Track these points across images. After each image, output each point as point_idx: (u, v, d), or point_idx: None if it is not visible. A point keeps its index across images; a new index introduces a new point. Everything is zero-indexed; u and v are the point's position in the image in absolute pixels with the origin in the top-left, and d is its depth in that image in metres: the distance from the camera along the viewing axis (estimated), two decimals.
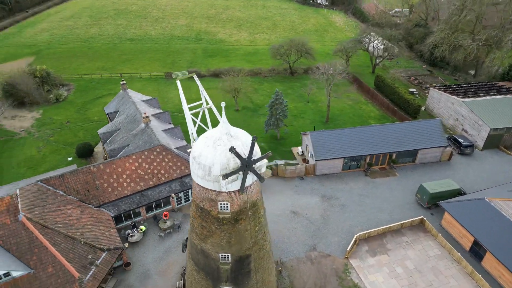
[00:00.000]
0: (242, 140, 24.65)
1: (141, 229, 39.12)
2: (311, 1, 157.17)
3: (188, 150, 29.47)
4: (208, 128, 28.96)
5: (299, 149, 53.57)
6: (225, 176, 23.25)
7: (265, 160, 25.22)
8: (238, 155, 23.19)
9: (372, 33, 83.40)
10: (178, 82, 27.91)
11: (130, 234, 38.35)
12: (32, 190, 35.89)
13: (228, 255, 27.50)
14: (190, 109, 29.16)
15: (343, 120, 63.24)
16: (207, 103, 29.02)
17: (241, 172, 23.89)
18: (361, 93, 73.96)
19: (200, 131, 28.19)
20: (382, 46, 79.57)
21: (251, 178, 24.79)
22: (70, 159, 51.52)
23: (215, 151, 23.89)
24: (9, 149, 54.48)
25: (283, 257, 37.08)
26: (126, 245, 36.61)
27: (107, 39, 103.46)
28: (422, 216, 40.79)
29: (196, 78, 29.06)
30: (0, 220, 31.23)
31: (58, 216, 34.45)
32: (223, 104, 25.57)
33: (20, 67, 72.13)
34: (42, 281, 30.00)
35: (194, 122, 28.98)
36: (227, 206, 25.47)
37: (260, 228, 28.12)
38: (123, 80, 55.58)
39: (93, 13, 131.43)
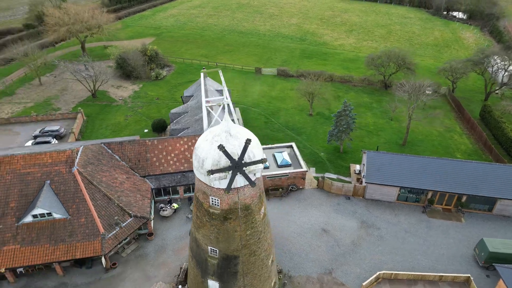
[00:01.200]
0: (241, 140, 24.40)
1: (174, 207, 41.93)
2: (445, 12, 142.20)
3: None
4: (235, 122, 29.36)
5: (357, 167, 50.00)
6: (211, 172, 23.47)
7: (260, 165, 24.65)
8: (227, 154, 23.17)
9: (495, 56, 71.79)
10: (202, 75, 28.82)
11: (163, 208, 41.46)
12: (94, 149, 41.58)
13: (216, 250, 27.79)
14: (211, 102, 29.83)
15: (424, 147, 56.51)
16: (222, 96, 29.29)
17: (231, 172, 23.79)
18: (459, 121, 64.77)
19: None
20: (507, 73, 67.78)
21: (242, 180, 24.50)
22: (146, 131, 57.65)
23: (211, 146, 24.27)
24: (105, 113, 63.61)
25: (293, 271, 35.57)
26: (152, 217, 39.71)
27: (219, 30, 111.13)
28: (469, 275, 34.38)
29: (220, 73, 29.65)
30: (58, 168, 37.12)
31: (105, 177, 39.30)
32: (226, 102, 25.65)
33: (136, 45, 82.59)
34: (74, 228, 34.81)
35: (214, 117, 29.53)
36: (217, 202, 25.71)
37: (253, 234, 27.58)
38: (204, 68, 59.42)
39: (217, 5, 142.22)
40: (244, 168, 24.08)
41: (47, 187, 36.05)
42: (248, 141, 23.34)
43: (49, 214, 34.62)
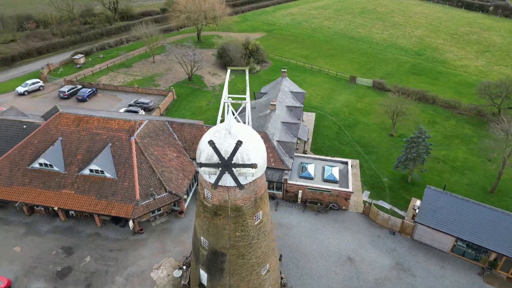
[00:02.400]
0: (239, 140, 24.21)
1: None
2: None
3: None
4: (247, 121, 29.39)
5: (418, 202, 44.08)
6: (200, 165, 24.03)
7: (251, 170, 24.13)
8: (216, 150, 23.40)
9: None
10: (228, 71, 29.24)
11: None
12: (157, 125, 46.05)
13: (207, 242, 28.38)
14: (233, 98, 29.91)
15: None
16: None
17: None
18: None
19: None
20: None
21: (231, 180, 24.40)
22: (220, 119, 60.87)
23: (210, 141, 24.76)
24: (193, 96, 69.21)
25: None
26: (185, 197, 42.09)
27: (331, 33, 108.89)
28: None
29: (247, 73, 29.68)
30: (120, 135, 42.33)
31: (157, 151, 43.28)
32: (229, 101, 25.66)
33: (240, 38, 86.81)
34: (117, 189, 39.44)
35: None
36: (209, 196, 26.18)
37: (244, 237, 27.22)
38: (284, 68, 59.47)
39: (341, 7, 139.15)
40: (234, 169, 23.96)
41: (108, 149, 41.52)
42: (239, 143, 23.13)
43: (102, 172, 39.91)
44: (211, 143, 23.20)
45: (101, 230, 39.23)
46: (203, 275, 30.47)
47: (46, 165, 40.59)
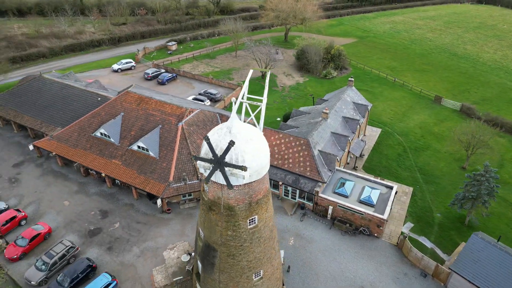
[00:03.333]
0: (237, 140, 24.12)
1: None
2: None
3: None
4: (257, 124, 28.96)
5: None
6: (195, 158, 24.60)
7: (240, 171, 23.80)
8: (210, 146, 23.69)
9: None
10: (251, 71, 28.98)
11: None
12: (207, 115, 48.08)
13: (202, 234, 28.96)
14: (250, 99, 29.44)
15: None
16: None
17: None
18: None
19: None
20: None
21: (222, 178, 24.44)
22: (278, 119, 60.79)
23: (211, 136, 25.18)
24: (261, 94, 69.92)
25: None
26: None
27: (430, 46, 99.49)
28: None
29: (267, 75, 29.03)
30: (171, 119, 45.30)
31: (200, 139, 45.28)
32: (233, 99, 25.56)
33: (322, 42, 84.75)
34: (156, 168, 42.41)
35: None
36: (206, 190, 26.63)
37: (235, 238, 27.09)
38: (351, 77, 56.44)
39: (453, 20, 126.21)
40: (226, 168, 23.99)
41: (157, 130, 44.86)
42: (231, 143, 23.04)
43: (147, 150, 43.33)
44: (206, 138, 23.54)
45: (136, 203, 42.71)
46: (200, 265, 31.19)
47: (105, 135, 45.62)
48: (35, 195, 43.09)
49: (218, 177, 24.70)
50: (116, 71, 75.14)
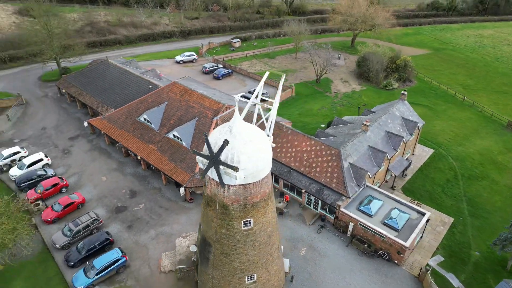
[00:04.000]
0: (236, 140, 24.08)
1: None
2: None
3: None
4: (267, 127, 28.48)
5: None
6: (194, 152, 25.04)
7: (231, 171, 23.66)
8: (207, 143, 23.97)
9: None
10: (267, 73, 28.49)
11: None
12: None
13: (202, 227, 29.43)
14: (262, 101, 28.98)
15: None
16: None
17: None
18: None
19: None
20: None
21: (215, 175, 24.55)
22: (322, 125, 59.01)
23: (214, 132, 25.46)
24: (312, 97, 68.52)
25: None
26: None
27: None
28: None
29: (282, 79, 28.33)
30: (207, 113, 46.52)
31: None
32: (237, 98, 25.36)
33: (388, 51, 79.96)
34: (185, 158, 43.85)
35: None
36: (207, 184, 26.98)
37: (229, 237, 27.13)
38: (404, 91, 52.54)
39: None
40: (221, 166, 24.09)
41: (193, 122, 46.48)
42: (225, 142, 23.08)
43: (180, 139, 45.15)
44: (204, 135, 23.85)
45: (164, 188, 44.77)
46: (199, 259, 31.75)
47: (147, 121, 48.49)
48: (80, 167, 47.45)
49: (214, 174, 24.90)
50: (178, 62, 79.20)
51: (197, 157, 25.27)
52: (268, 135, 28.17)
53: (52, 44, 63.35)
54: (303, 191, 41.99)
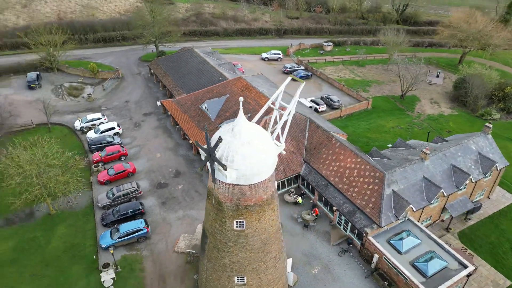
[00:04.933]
0: (235, 140, 24.15)
1: (298, 200, 42.55)
2: None
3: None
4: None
5: None
6: (197, 144, 25.78)
7: (222, 170, 23.70)
8: (206, 138, 24.44)
9: None
10: (288, 78, 27.45)
11: (289, 194, 43.27)
12: (297, 117, 47.40)
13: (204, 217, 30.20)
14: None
15: None
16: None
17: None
18: None
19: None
20: None
21: (216, 171, 24.86)
22: (389, 145, 54.17)
23: (219, 130, 25.88)
24: (389, 114, 62.98)
25: None
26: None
27: None
28: None
29: (300, 87, 27.06)
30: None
31: (276, 137, 45.36)
32: (241, 99, 25.15)
33: (494, 75, 68.76)
34: None
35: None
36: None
37: (221, 233, 27.45)
38: (489, 123, 44.85)
39: None
40: (216, 163, 24.43)
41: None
42: (219, 139, 23.31)
43: None
44: (204, 128, 24.38)
45: (205, 174, 46.76)
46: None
47: (206, 109, 51.02)
48: (143, 141, 52.46)
49: (210, 168, 25.30)
50: (263, 59, 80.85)
51: (199, 149, 25.90)
52: (279, 142, 27.49)
53: (154, 29, 70.70)
54: (334, 208, 39.57)
